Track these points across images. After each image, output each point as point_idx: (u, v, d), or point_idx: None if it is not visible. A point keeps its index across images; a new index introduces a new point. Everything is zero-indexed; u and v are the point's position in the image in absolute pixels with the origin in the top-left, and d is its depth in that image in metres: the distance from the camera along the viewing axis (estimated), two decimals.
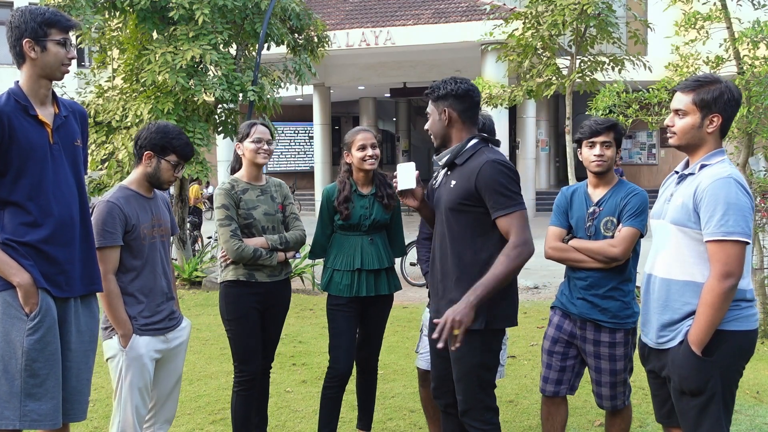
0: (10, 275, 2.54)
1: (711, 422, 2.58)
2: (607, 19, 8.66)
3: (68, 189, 2.69)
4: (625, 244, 3.19)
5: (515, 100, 10.06)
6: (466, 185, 2.83)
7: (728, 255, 2.48)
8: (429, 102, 3.00)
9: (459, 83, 2.93)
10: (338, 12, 18.30)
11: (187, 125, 9.23)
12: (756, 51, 6.44)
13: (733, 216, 2.48)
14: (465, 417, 2.91)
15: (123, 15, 9.54)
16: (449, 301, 2.83)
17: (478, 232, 2.85)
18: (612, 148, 3.33)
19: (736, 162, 6.89)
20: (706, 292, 2.52)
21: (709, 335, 2.54)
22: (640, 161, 24.62)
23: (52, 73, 2.62)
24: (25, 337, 2.54)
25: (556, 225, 3.40)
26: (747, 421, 4.37)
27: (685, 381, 2.59)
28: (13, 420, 2.55)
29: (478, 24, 15.22)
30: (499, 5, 15.75)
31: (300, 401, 4.80)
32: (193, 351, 6.07)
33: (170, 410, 3.32)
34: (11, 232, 2.56)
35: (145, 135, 3.11)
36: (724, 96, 2.58)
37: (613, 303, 3.25)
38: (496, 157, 2.84)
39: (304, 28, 10.36)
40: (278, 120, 17.95)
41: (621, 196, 3.26)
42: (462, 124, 2.95)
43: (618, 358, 3.28)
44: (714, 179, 2.54)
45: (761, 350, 6.16)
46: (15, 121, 2.54)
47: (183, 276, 9.74)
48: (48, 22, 2.57)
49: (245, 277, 3.59)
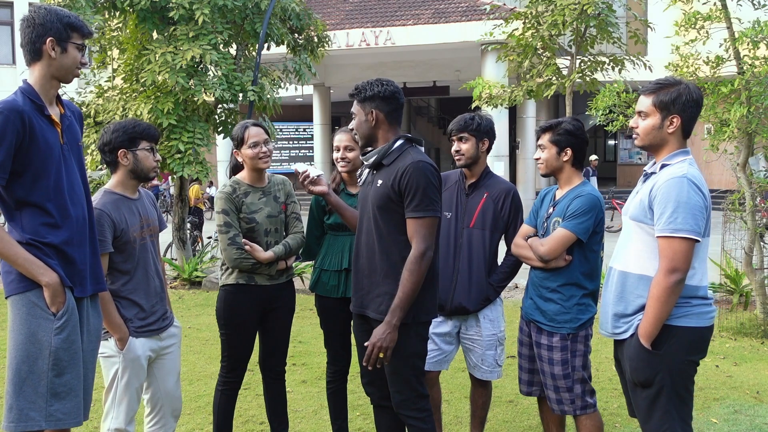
0: (38, 275, 2.53)
1: (660, 414, 2.67)
2: (607, 19, 8.67)
3: (79, 189, 2.70)
4: (550, 244, 3.21)
5: (515, 100, 10.06)
6: (392, 185, 2.89)
7: (675, 251, 2.57)
8: (354, 102, 3.04)
9: (386, 85, 2.99)
10: (338, 12, 18.31)
11: (187, 125, 9.23)
12: (756, 51, 6.44)
13: (683, 214, 2.57)
14: (401, 409, 2.97)
15: (123, 15, 9.54)
16: (379, 294, 2.93)
17: (403, 230, 2.90)
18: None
19: (736, 162, 6.89)
20: (653, 286, 2.62)
21: (657, 328, 2.63)
22: (639, 161, 24.61)
23: (65, 75, 2.63)
24: (53, 336, 2.55)
25: (527, 223, 3.48)
26: (747, 421, 4.37)
27: (635, 372, 2.70)
28: (38, 420, 2.54)
29: (478, 24, 15.23)
30: (499, 5, 15.77)
31: (300, 401, 4.80)
32: (193, 351, 6.07)
33: (176, 405, 3.35)
34: (33, 232, 2.56)
35: (108, 139, 3.11)
36: (683, 97, 2.68)
37: (552, 306, 3.26)
38: (422, 158, 2.91)
39: (304, 28, 10.36)
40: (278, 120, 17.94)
41: (570, 197, 3.27)
42: (388, 125, 3.00)
43: (555, 362, 3.25)
44: (669, 178, 2.63)
45: (761, 350, 6.16)
46: (34, 121, 2.54)
47: (183, 276, 9.73)
48: (72, 25, 2.60)
49: (245, 280, 3.54)
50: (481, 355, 3.62)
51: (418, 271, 2.83)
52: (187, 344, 6.32)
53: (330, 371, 3.77)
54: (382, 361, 2.85)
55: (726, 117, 6.42)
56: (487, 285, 3.56)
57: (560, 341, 3.25)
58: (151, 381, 3.24)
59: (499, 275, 3.60)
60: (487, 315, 3.60)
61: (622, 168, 25.05)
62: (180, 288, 9.58)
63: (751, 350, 6.16)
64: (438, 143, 31.86)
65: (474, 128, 3.57)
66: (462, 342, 3.69)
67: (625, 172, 24.63)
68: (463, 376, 4.98)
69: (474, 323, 3.61)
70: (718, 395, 4.79)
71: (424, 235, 2.85)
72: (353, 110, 3.06)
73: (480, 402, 3.79)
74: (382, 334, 2.83)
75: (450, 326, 3.64)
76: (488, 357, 3.62)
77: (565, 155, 3.31)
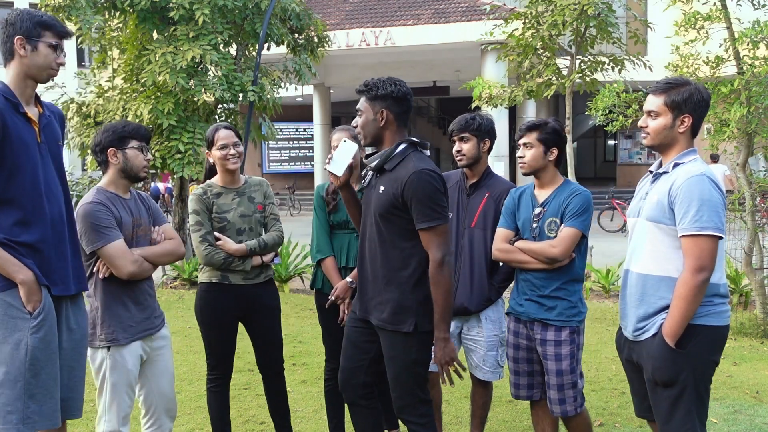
0: (13, 273, 2.52)
1: (683, 414, 2.66)
2: (607, 19, 8.67)
3: (56, 188, 2.70)
4: (564, 244, 3.19)
5: (515, 100, 10.06)
6: (394, 193, 2.83)
7: (702, 249, 2.57)
8: (362, 99, 2.93)
9: (398, 85, 2.89)
10: (338, 12, 18.31)
11: (188, 125, 9.24)
12: (756, 51, 6.44)
13: (707, 211, 2.57)
14: (403, 413, 2.96)
15: (123, 15, 9.55)
16: (380, 302, 2.91)
17: (406, 237, 2.86)
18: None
19: (736, 162, 6.89)
20: (680, 285, 2.60)
21: (683, 327, 2.61)
22: (639, 161, 24.60)
23: (38, 73, 2.63)
24: (30, 335, 2.53)
25: (504, 227, 3.41)
26: (747, 421, 4.37)
27: (657, 372, 2.67)
28: (17, 423, 2.53)
29: (478, 24, 15.23)
30: (499, 5, 15.77)
31: (300, 401, 4.80)
32: (193, 351, 6.07)
33: (170, 406, 3.34)
34: (6, 232, 2.55)
35: (99, 140, 3.16)
36: (694, 97, 2.68)
37: (560, 302, 3.26)
38: (425, 165, 2.82)
39: (304, 28, 10.36)
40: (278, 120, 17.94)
41: (564, 196, 3.26)
42: (397, 127, 2.92)
43: (563, 357, 3.25)
44: (688, 176, 2.62)
45: (761, 350, 6.17)
46: (7, 117, 2.54)
47: (183, 276, 9.73)
48: (43, 24, 2.61)
49: (218, 279, 3.58)
50: (482, 355, 3.62)
51: (444, 279, 2.80)
52: (187, 344, 6.32)
53: (328, 368, 3.79)
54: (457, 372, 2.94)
55: (726, 117, 6.42)
56: (488, 285, 3.56)
57: (569, 335, 3.25)
58: (144, 382, 3.24)
59: (500, 275, 3.59)
60: (489, 316, 3.60)
61: (622, 168, 25.02)
62: (180, 288, 9.57)
63: (750, 350, 6.16)
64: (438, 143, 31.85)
65: (475, 128, 3.57)
66: (464, 342, 3.69)
67: (624, 172, 24.60)
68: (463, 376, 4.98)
69: (476, 324, 3.61)
70: (718, 395, 4.79)
71: (439, 243, 2.80)
72: (360, 107, 2.94)
73: (480, 402, 3.79)
74: (440, 351, 2.84)
75: (451, 326, 3.63)
76: (490, 358, 3.62)
77: (551, 154, 3.33)
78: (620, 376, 5.14)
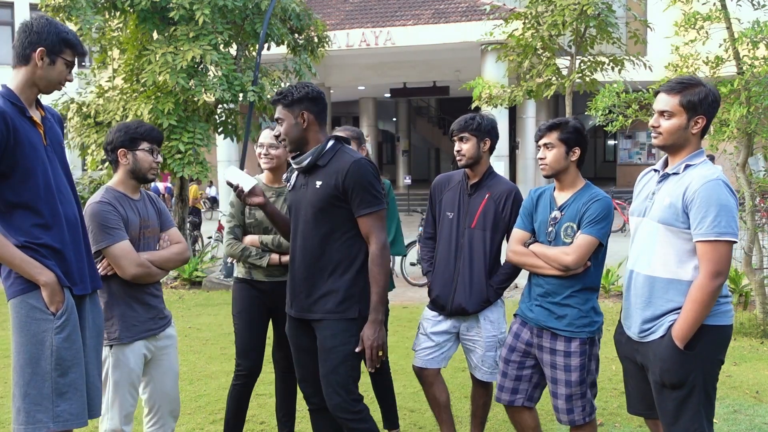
0: (35, 275, 2.54)
1: (690, 414, 2.65)
2: (607, 19, 8.67)
3: (66, 189, 2.72)
4: (578, 253, 3.08)
5: (515, 100, 10.07)
6: (335, 184, 2.90)
7: (720, 254, 2.56)
8: (279, 107, 3.00)
9: (310, 87, 2.99)
10: (338, 12, 18.31)
11: (188, 125, 9.25)
12: (756, 51, 6.44)
13: (725, 217, 2.55)
14: (338, 412, 2.93)
15: (123, 15, 9.56)
16: (323, 294, 2.94)
17: (347, 227, 2.94)
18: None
19: (736, 162, 6.90)
20: (697, 289, 2.58)
21: (694, 330, 2.61)
22: (639, 161, 24.62)
23: (47, 86, 2.66)
24: (54, 336, 2.55)
25: (521, 228, 3.33)
26: (747, 420, 4.37)
27: (666, 374, 2.65)
28: (46, 422, 2.54)
29: (478, 24, 15.24)
30: (499, 5, 15.77)
31: (300, 401, 4.80)
32: (193, 351, 6.08)
33: (174, 406, 3.35)
34: (26, 234, 2.57)
35: (111, 138, 3.17)
36: (709, 98, 2.66)
37: (570, 311, 3.15)
38: (358, 156, 2.96)
39: (304, 28, 10.37)
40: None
41: (583, 201, 3.15)
42: (318, 126, 3.01)
43: (573, 368, 3.16)
44: (705, 181, 2.59)
45: (761, 350, 6.17)
46: (17, 122, 2.55)
47: (183, 276, 9.74)
48: (68, 41, 2.63)
49: (242, 275, 3.68)
50: (481, 356, 3.62)
51: (386, 262, 2.90)
52: (187, 344, 6.33)
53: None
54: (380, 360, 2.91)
55: (725, 117, 6.42)
56: (487, 286, 3.55)
57: (580, 346, 3.15)
58: (149, 381, 3.25)
59: (500, 276, 3.58)
60: (488, 316, 3.59)
61: (622, 168, 25.04)
62: (180, 288, 9.58)
63: (750, 350, 6.17)
64: (438, 143, 31.87)
65: (474, 128, 3.56)
66: (463, 343, 3.68)
67: (624, 172, 24.61)
68: (463, 376, 4.98)
69: (474, 324, 3.60)
70: (718, 395, 4.75)
71: (381, 227, 2.92)
72: (278, 116, 3.01)
73: (480, 402, 3.79)
74: (373, 334, 2.88)
75: (448, 325, 3.63)
76: (489, 358, 3.61)
77: (573, 155, 3.19)
78: (620, 376, 5.12)
